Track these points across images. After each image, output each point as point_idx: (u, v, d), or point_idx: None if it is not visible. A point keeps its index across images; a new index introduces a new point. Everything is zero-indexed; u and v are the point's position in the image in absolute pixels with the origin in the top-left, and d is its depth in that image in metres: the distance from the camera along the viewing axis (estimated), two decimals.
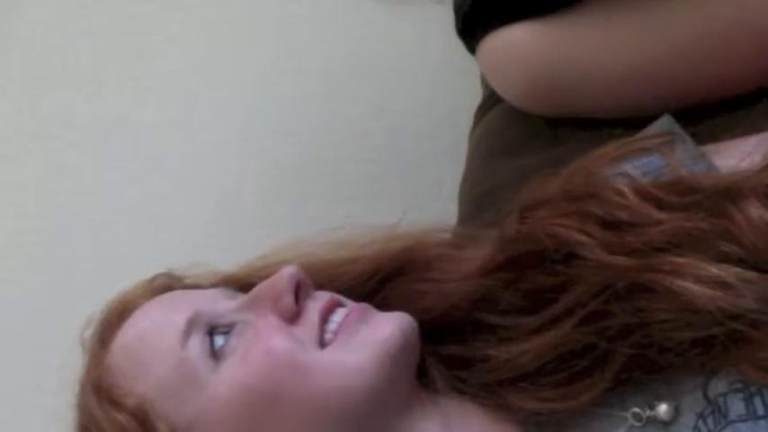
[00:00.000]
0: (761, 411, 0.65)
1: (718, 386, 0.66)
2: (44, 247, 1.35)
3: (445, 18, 1.01)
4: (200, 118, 1.39)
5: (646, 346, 0.67)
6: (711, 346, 0.66)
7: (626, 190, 0.72)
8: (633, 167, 0.74)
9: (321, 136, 1.35)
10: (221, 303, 0.73)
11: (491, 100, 1.04)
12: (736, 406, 0.65)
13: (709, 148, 0.77)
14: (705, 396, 0.66)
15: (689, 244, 0.68)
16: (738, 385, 0.66)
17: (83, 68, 1.41)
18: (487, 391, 0.71)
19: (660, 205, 0.71)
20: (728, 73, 0.88)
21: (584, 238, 0.70)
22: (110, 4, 1.43)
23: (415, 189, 1.31)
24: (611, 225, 0.71)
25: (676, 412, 0.67)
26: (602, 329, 0.68)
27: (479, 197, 1.00)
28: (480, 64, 0.97)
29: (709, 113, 0.88)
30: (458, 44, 1.01)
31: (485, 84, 1.08)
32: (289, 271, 0.70)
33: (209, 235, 1.34)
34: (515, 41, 0.91)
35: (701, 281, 0.66)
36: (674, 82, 0.88)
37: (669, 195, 0.71)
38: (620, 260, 0.68)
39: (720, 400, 0.66)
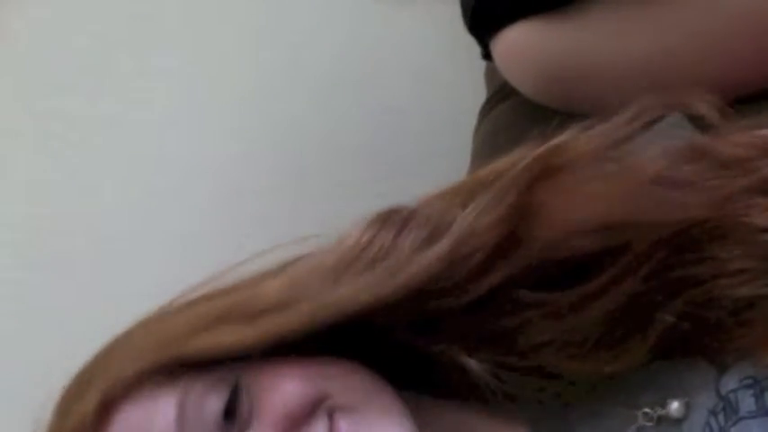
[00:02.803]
0: None
1: (729, 382, 0.66)
2: (44, 247, 1.34)
3: (447, 16, 1.01)
4: (200, 117, 1.38)
5: (699, 304, 0.65)
6: (753, 320, 0.64)
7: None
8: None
9: (322, 135, 1.35)
10: None
11: (496, 97, 1.04)
12: (747, 402, 0.65)
13: None
14: (717, 392, 0.66)
15: None
16: (749, 381, 0.65)
17: (82, 68, 1.40)
18: (526, 360, 0.67)
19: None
20: (741, 71, 0.87)
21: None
22: (110, 2, 1.42)
23: (418, 188, 1.30)
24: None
25: (687, 409, 0.66)
26: (662, 283, 0.65)
27: None
28: (495, 58, 0.96)
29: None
30: (460, 42, 1.01)
31: (489, 81, 1.08)
32: None
33: (208, 235, 1.34)
34: (526, 38, 0.91)
35: None
36: (681, 79, 0.88)
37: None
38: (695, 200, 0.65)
39: (731, 396, 0.65)
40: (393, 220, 0.69)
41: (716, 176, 0.67)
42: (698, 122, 0.73)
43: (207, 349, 0.65)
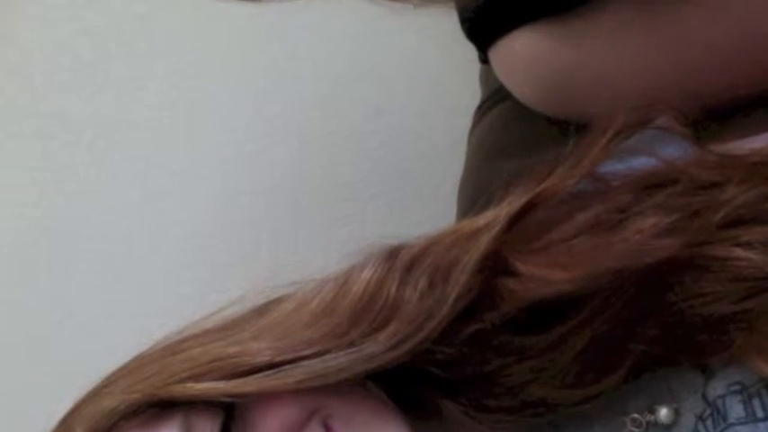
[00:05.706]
0: (760, 414, 0.64)
1: (717, 388, 0.66)
2: (44, 248, 1.35)
3: (443, 17, 1.01)
4: (200, 118, 1.38)
5: (671, 325, 0.66)
6: (733, 330, 0.65)
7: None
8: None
9: (320, 136, 1.35)
10: None
11: (491, 99, 1.04)
12: (735, 408, 0.65)
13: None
14: (704, 398, 0.66)
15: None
16: (736, 387, 0.65)
17: (82, 68, 1.40)
18: (509, 398, 0.69)
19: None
20: (746, 82, 0.86)
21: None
22: (109, 2, 1.42)
23: (414, 190, 1.31)
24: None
25: (676, 415, 0.67)
26: (632, 313, 0.66)
27: (479, 198, 1.00)
28: (494, 67, 0.96)
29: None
30: (456, 44, 1.00)
31: (484, 83, 1.07)
32: None
33: (209, 235, 1.34)
34: (526, 47, 0.90)
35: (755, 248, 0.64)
36: (683, 90, 0.88)
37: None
38: (669, 242, 0.65)
39: (719, 402, 0.66)
40: (392, 276, 0.69)
41: (681, 208, 0.67)
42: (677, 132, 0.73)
43: (195, 396, 0.65)
